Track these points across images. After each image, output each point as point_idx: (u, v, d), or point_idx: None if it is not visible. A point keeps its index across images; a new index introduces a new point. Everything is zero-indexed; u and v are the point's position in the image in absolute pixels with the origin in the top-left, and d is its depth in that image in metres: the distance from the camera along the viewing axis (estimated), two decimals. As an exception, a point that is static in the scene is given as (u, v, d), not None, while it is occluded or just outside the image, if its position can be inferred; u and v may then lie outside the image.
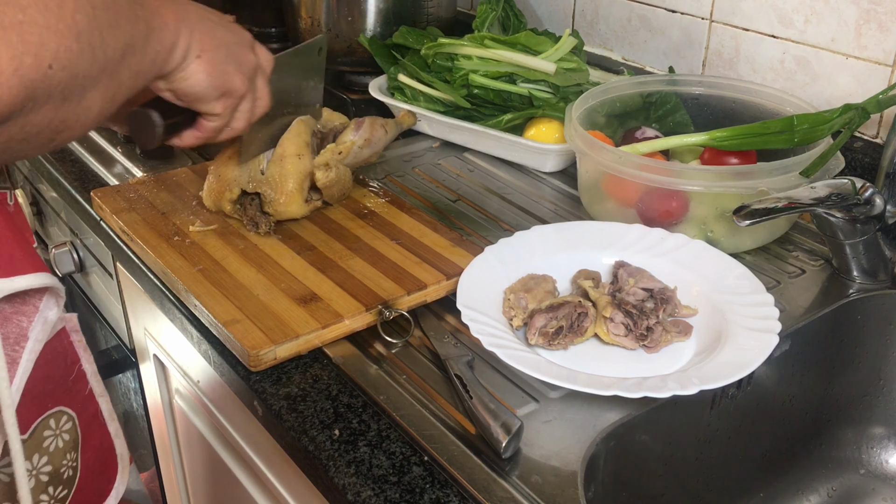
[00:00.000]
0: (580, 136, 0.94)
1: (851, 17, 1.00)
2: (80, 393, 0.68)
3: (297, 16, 1.34)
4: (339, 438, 0.68)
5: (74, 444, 0.68)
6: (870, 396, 0.91)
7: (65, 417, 0.67)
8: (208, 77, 0.69)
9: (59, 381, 0.66)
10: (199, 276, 0.84)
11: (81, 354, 0.68)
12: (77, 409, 0.68)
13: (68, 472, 0.68)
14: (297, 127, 0.93)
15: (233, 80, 0.72)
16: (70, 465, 0.68)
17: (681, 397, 0.68)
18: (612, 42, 1.31)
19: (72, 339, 0.67)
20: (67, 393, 0.67)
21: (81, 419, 0.68)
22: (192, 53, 0.67)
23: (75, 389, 0.68)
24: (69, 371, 0.67)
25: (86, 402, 0.69)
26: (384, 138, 1.02)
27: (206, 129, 0.74)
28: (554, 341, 0.76)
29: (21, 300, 0.62)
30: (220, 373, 0.79)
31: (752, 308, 0.78)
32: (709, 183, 0.87)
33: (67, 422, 0.67)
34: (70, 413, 0.67)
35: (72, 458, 0.68)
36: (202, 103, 0.71)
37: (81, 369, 0.68)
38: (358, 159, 0.98)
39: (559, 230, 0.90)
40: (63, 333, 0.66)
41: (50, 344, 0.65)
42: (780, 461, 0.90)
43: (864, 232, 0.84)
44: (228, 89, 0.72)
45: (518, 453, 0.66)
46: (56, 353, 0.66)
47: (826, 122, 0.91)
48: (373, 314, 0.80)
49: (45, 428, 0.65)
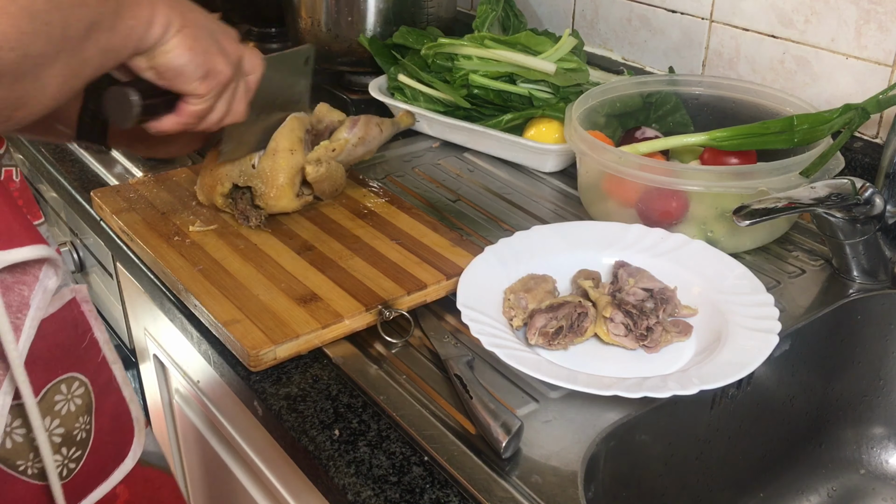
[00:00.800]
0: (580, 136, 0.94)
1: (851, 17, 1.00)
2: (92, 360, 0.70)
3: (297, 16, 1.34)
4: (339, 438, 0.68)
5: (88, 408, 0.70)
6: (870, 396, 0.91)
7: (77, 383, 0.69)
8: (190, 51, 0.67)
9: (70, 349, 0.68)
10: (199, 276, 0.84)
11: (93, 323, 0.70)
12: (90, 375, 0.70)
13: (81, 435, 0.69)
14: (290, 123, 0.93)
15: (215, 60, 0.70)
16: (83, 427, 0.69)
17: (681, 397, 0.68)
18: (612, 42, 1.32)
19: (82, 309, 0.69)
20: (79, 360, 0.69)
21: (95, 385, 0.70)
22: (172, 27, 0.65)
23: (87, 356, 0.69)
24: (81, 339, 0.69)
25: (99, 368, 0.71)
26: (379, 137, 1.02)
27: (186, 113, 0.72)
28: (554, 341, 0.76)
29: (22, 270, 0.63)
30: (220, 373, 0.79)
31: (752, 308, 0.78)
32: (709, 183, 0.87)
33: (80, 387, 0.69)
34: (83, 379, 0.69)
35: (85, 420, 0.70)
36: (184, 81, 0.69)
37: (93, 337, 0.70)
38: (352, 157, 0.99)
39: (559, 230, 0.90)
40: (73, 303, 0.67)
41: (59, 313, 0.66)
42: (780, 461, 0.90)
43: (864, 232, 0.84)
44: (211, 69, 0.70)
45: (518, 453, 0.66)
46: (66, 321, 0.67)
47: (826, 122, 0.91)
48: (373, 314, 0.80)
49: (56, 392, 0.67)
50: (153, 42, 0.65)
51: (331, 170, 0.94)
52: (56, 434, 0.68)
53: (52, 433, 0.67)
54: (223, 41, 0.72)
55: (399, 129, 1.10)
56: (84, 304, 0.69)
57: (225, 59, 0.71)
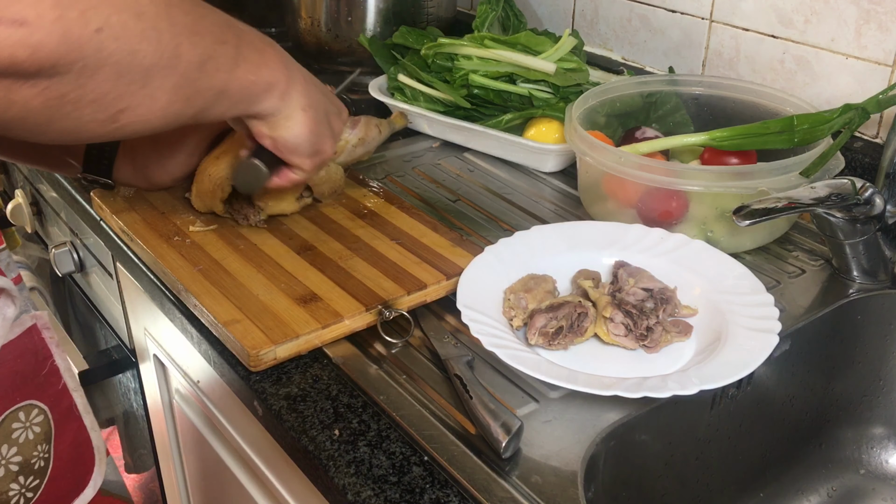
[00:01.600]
0: (580, 136, 0.94)
1: (851, 17, 1.00)
2: (52, 387, 0.70)
3: (297, 16, 1.34)
4: (339, 438, 0.68)
5: (46, 437, 0.70)
6: (870, 396, 0.91)
7: (35, 411, 0.69)
8: (310, 133, 0.73)
9: (30, 377, 0.68)
10: (199, 276, 0.84)
11: (54, 350, 0.70)
12: (49, 403, 0.70)
13: (39, 463, 0.69)
14: None
15: (326, 143, 0.77)
16: (42, 455, 0.69)
17: (681, 397, 0.68)
18: (612, 42, 1.32)
19: (43, 336, 0.69)
20: (38, 388, 0.69)
21: (54, 412, 0.70)
22: (296, 104, 0.71)
23: (47, 384, 0.70)
24: (41, 366, 0.69)
25: (59, 396, 0.71)
26: (378, 138, 1.03)
27: (288, 179, 0.79)
28: (554, 341, 0.76)
29: None
30: (220, 373, 0.79)
31: (752, 308, 0.78)
32: (709, 183, 0.87)
33: (39, 415, 0.69)
34: (42, 406, 0.69)
35: (43, 449, 0.70)
36: (296, 156, 0.75)
37: (54, 364, 0.70)
38: (351, 157, 0.99)
39: (559, 230, 0.90)
40: (34, 330, 0.68)
41: (18, 340, 0.67)
42: (780, 461, 0.90)
43: (864, 232, 0.84)
44: (321, 150, 0.77)
45: (518, 453, 0.66)
46: (25, 349, 0.68)
47: (826, 122, 0.91)
48: (373, 314, 0.80)
49: (13, 420, 0.67)
50: (269, 109, 0.69)
51: (330, 172, 0.94)
52: (13, 462, 0.67)
53: (9, 461, 0.67)
54: (334, 122, 0.78)
55: (394, 129, 1.10)
56: (45, 331, 0.69)
57: (332, 141, 0.78)
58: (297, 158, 0.76)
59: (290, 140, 0.73)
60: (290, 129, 0.72)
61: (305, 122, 0.72)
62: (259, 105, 0.68)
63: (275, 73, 0.67)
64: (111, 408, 1.42)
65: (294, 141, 0.73)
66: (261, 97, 0.68)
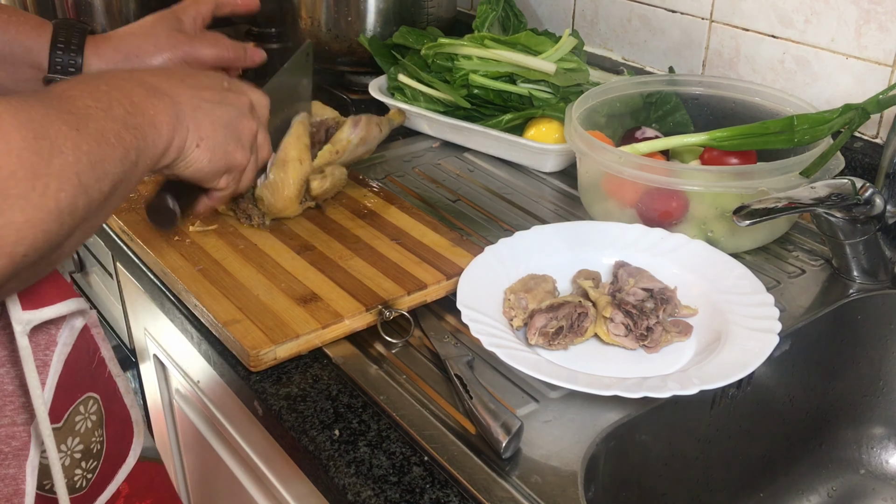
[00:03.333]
0: (580, 136, 0.94)
1: (851, 17, 1.00)
2: (101, 377, 0.75)
3: (297, 16, 1.34)
4: (339, 438, 0.68)
5: (101, 422, 0.74)
6: (870, 396, 0.91)
7: (91, 401, 0.73)
8: (210, 161, 0.71)
9: (85, 373, 0.72)
10: (199, 276, 0.84)
11: (100, 344, 0.74)
12: (100, 392, 0.74)
13: (97, 447, 0.74)
14: (296, 129, 0.93)
15: (234, 156, 0.74)
16: (98, 440, 0.74)
17: (681, 397, 0.68)
18: (612, 42, 1.32)
19: (92, 333, 0.73)
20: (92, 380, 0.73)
21: (104, 399, 0.75)
22: (190, 144, 0.68)
23: (97, 374, 0.75)
24: (92, 360, 0.73)
25: (106, 383, 0.76)
26: (378, 136, 1.03)
27: (217, 199, 0.78)
28: (554, 341, 0.76)
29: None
30: (220, 373, 0.79)
31: (752, 308, 0.78)
32: (709, 183, 0.87)
33: (94, 404, 0.73)
34: (95, 396, 0.74)
35: (99, 434, 0.74)
36: (208, 182, 0.74)
37: (101, 356, 0.76)
38: (353, 156, 0.99)
39: (559, 230, 0.90)
40: (86, 329, 0.72)
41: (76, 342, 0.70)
42: (780, 461, 0.90)
43: (864, 232, 0.84)
44: (231, 165, 0.74)
45: (518, 453, 0.66)
46: (81, 349, 0.71)
47: (826, 122, 0.91)
48: (373, 314, 0.80)
49: (76, 414, 0.71)
50: (170, 161, 0.68)
51: (335, 179, 0.95)
52: (76, 451, 0.71)
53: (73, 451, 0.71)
54: (238, 127, 0.74)
55: (393, 126, 1.11)
56: (94, 329, 0.73)
57: (242, 148, 0.75)
58: (210, 185, 0.75)
59: (193, 175, 0.71)
60: (189, 167, 0.70)
61: (202, 154, 0.70)
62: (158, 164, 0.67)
63: (168, 135, 0.65)
64: (111, 408, 1.43)
65: (197, 175, 0.72)
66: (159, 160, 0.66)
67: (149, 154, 0.63)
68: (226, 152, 0.73)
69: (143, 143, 0.61)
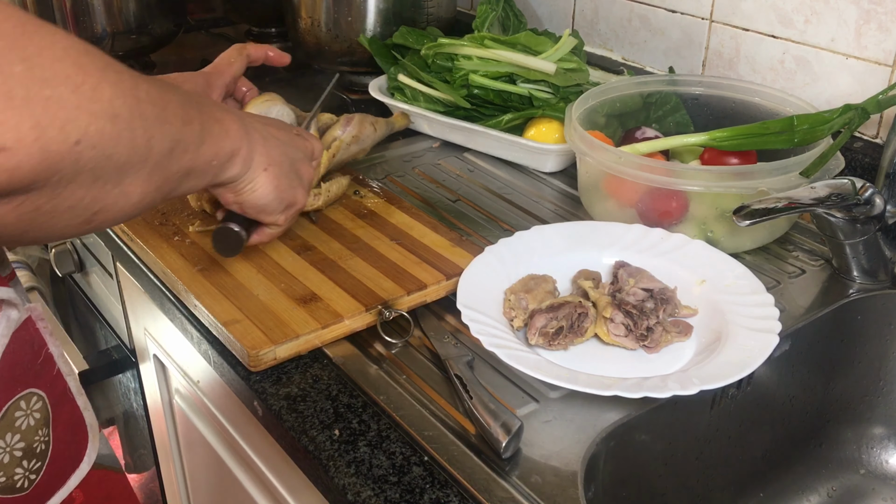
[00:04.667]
0: (580, 136, 0.94)
1: (851, 17, 1.00)
2: (48, 374, 0.73)
3: (297, 16, 1.34)
4: (339, 438, 0.68)
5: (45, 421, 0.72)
6: (870, 396, 0.91)
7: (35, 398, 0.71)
8: (275, 190, 0.74)
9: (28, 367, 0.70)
10: (199, 276, 0.84)
11: (48, 339, 0.72)
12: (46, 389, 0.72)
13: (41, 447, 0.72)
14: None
15: (296, 193, 0.77)
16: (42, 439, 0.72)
17: (681, 397, 0.68)
18: (612, 42, 1.32)
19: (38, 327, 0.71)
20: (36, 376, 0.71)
21: (51, 397, 0.73)
22: (257, 166, 0.71)
23: (43, 371, 0.72)
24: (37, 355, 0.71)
25: (54, 381, 0.74)
26: (373, 136, 1.03)
27: (266, 236, 0.81)
28: (554, 341, 0.76)
29: None
30: (220, 373, 0.79)
31: (752, 308, 0.78)
32: (709, 183, 0.87)
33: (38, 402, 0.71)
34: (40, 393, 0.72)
35: (43, 433, 0.72)
36: (267, 215, 0.76)
37: (48, 352, 0.72)
38: (346, 155, 0.99)
39: (559, 230, 0.90)
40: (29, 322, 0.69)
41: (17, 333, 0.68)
42: (780, 461, 0.90)
43: (864, 232, 0.84)
44: (292, 202, 0.77)
45: (518, 453, 0.66)
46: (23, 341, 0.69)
47: (826, 123, 0.91)
48: (373, 314, 0.80)
49: (16, 409, 0.69)
50: (234, 176, 0.70)
51: (328, 197, 0.94)
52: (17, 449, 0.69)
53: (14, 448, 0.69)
54: (302, 169, 0.78)
55: (393, 129, 1.10)
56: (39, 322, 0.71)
57: (302, 188, 0.78)
58: (269, 218, 0.77)
59: (257, 202, 0.74)
60: (254, 193, 0.72)
61: (269, 181, 0.73)
62: (223, 175, 0.68)
63: (235, 141, 0.68)
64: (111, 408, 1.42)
65: (261, 202, 0.74)
66: (224, 168, 0.68)
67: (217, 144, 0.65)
68: (291, 186, 0.76)
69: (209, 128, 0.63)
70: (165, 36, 1.44)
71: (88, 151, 0.51)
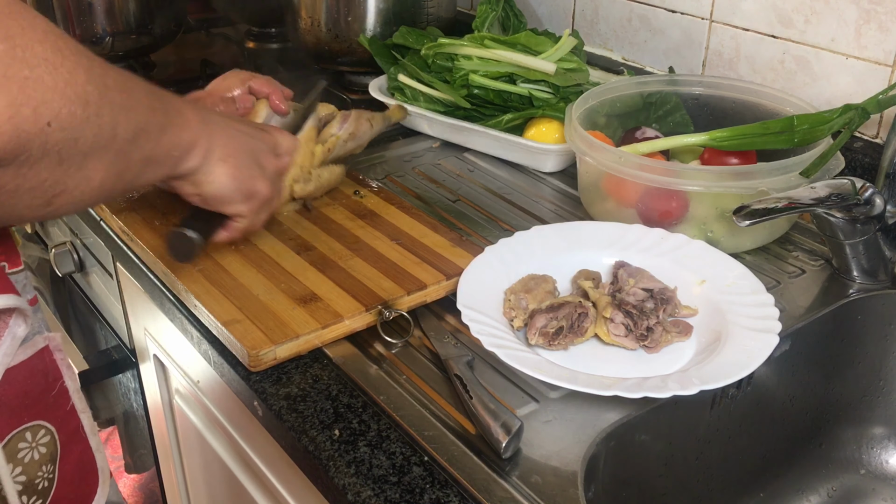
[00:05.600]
0: (580, 136, 0.94)
1: (851, 17, 1.00)
2: (61, 408, 0.71)
3: (297, 16, 1.34)
4: (339, 438, 0.68)
5: (52, 457, 0.70)
6: (870, 396, 0.91)
7: (42, 431, 0.69)
8: (233, 180, 0.74)
9: (39, 398, 0.68)
10: (199, 276, 0.84)
11: (64, 372, 0.70)
12: (57, 424, 0.70)
13: (44, 484, 0.69)
14: (309, 133, 0.94)
15: (256, 183, 0.77)
16: (46, 476, 0.70)
17: (681, 397, 0.68)
18: (612, 42, 1.31)
19: (55, 357, 0.69)
20: (47, 408, 0.69)
21: (61, 433, 0.70)
22: (214, 156, 0.71)
23: (56, 405, 0.70)
24: (50, 387, 0.69)
25: (67, 417, 0.71)
26: (369, 132, 1.04)
27: (234, 230, 0.80)
28: (554, 341, 0.76)
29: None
30: (220, 373, 0.79)
31: (752, 308, 0.78)
32: (709, 183, 0.87)
33: (45, 435, 0.69)
34: (49, 427, 0.69)
35: (48, 470, 0.70)
36: (228, 205, 0.76)
37: (63, 386, 0.70)
38: (343, 152, 1.00)
39: (559, 230, 0.90)
40: (45, 352, 0.68)
41: (30, 361, 0.67)
42: (780, 461, 0.90)
43: (864, 232, 0.84)
44: (253, 192, 0.77)
45: (518, 453, 0.66)
46: (36, 370, 0.67)
47: (826, 123, 0.91)
48: (373, 314, 0.80)
49: (20, 440, 0.67)
50: (192, 168, 0.70)
51: (320, 182, 0.94)
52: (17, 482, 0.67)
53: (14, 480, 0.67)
54: (265, 160, 0.78)
55: (390, 122, 1.11)
56: (56, 353, 0.70)
57: (264, 179, 0.78)
58: (230, 208, 0.77)
59: (216, 193, 0.74)
60: (212, 183, 0.72)
61: (227, 171, 0.73)
62: (182, 166, 0.69)
63: (194, 132, 0.68)
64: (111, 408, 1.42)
65: (219, 192, 0.74)
66: (183, 158, 0.69)
67: (177, 135, 0.66)
68: (249, 176, 0.76)
69: (170, 118, 0.64)
70: (165, 36, 1.44)
71: (57, 133, 0.52)
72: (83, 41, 1.33)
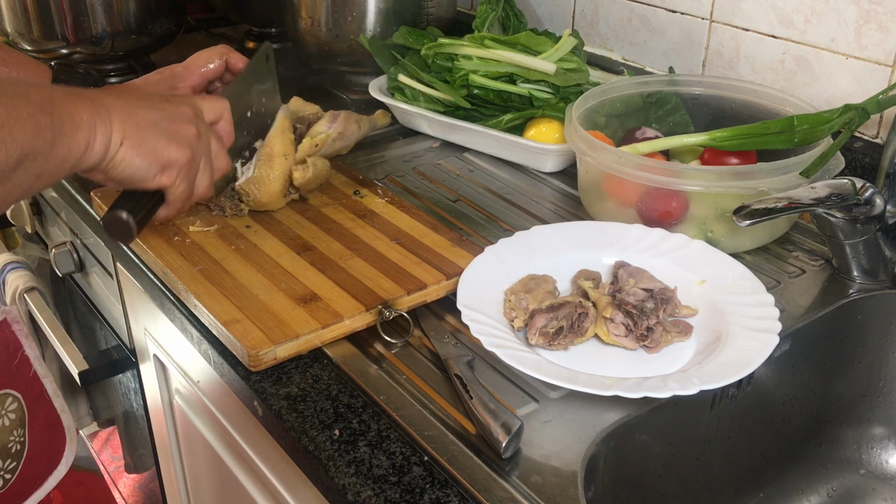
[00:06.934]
0: (580, 136, 0.94)
1: (851, 17, 1.00)
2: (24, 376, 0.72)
3: (297, 16, 1.34)
4: (339, 438, 0.68)
5: (21, 422, 0.72)
6: (870, 396, 0.91)
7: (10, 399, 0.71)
8: (140, 156, 0.70)
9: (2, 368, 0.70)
10: (199, 276, 0.84)
11: (23, 341, 0.72)
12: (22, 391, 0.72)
13: (16, 447, 0.72)
14: (281, 124, 0.94)
15: (167, 152, 0.73)
16: (17, 440, 0.72)
17: (681, 397, 0.68)
18: (612, 42, 1.31)
19: (13, 329, 0.70)
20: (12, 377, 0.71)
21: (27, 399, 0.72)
22: (114, 142, 0.68)
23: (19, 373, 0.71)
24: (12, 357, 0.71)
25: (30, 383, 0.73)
26: (357, 133, 1.05)
27: (173, 202, 0.76)
28: (554, 341, 0.76)
29: None
30: (220, 373, 0.79)
31: (752, 308, 0.78)
32: (709, 183, 0.87)
33: (13, 402, 0.71)
34: (15, 395, 0.71)
35: (19, 434, 0.72)
36: (148, 182, 0.72)
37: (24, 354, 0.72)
38: (331, 150, 1.01)
39: (559, 230, 0.90)
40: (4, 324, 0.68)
41: None
42: (780, 461, 0.90)
43: (864, 232, 0.84)
44: (167, 162, 0.73)
45: (518, 453, 0.66)
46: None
47: (826, 123, 0.91)
48: (373, 314, 0.80)
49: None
50: (94, 163, 0.68)
51: (317, 170, 0.95)
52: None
53: None
54: (170, 128, 0.74)
55: (376, 126, 1.12)
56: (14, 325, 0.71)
57: (178, 144, 0.73)
58: (152, 184, 0.74)
59: (128, 175, 0.71)
60: (119, 167, 0.70)
61: (131, 151, 0.70)
62: (82, 165, 0.67)
63: (87, 131, 0.66)
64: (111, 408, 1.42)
65: (131, 173, 0.71)
66: (82, 159, 0.67)
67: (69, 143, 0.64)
68: (155, 149, 0.72)
69: (60, 128, 0.63)
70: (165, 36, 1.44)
71: None
72: (83, 41, 1.33)
